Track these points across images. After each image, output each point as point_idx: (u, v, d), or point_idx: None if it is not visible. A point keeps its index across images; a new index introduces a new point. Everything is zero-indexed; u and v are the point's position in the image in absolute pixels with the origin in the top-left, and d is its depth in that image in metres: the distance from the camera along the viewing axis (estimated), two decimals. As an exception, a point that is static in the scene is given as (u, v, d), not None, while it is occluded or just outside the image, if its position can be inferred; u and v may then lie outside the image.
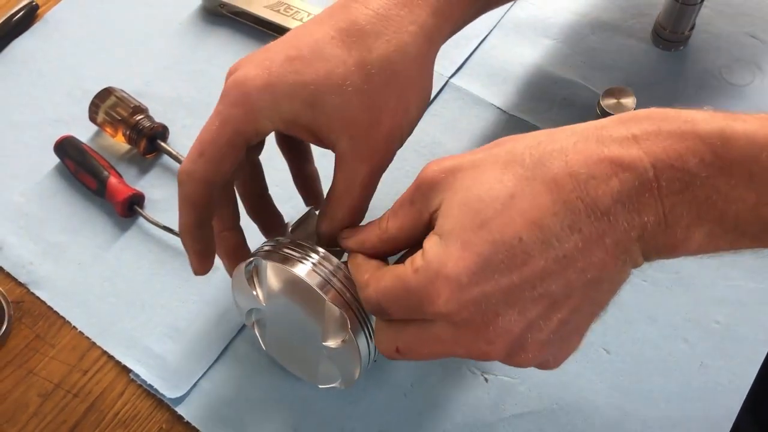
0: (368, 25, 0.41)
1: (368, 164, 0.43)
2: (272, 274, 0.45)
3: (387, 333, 0.40)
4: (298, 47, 0.42)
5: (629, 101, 0.55)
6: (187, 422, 0.51)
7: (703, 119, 0.33)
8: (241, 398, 0.52)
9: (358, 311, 0.43)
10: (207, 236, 0.46)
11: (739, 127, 0.32)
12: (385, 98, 0.41)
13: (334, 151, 0.43)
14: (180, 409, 0.51)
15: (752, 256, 0.54)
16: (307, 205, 0.52)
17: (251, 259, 0.45)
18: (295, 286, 0.44)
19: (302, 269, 0.43)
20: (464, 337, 0.35)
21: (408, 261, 0.37)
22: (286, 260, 0.43)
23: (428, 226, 0.38)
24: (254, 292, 0.46)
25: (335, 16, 0.42)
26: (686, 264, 0.55)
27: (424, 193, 0.38)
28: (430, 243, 0.36)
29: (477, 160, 0.36)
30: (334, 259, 0.44)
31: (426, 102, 0.45)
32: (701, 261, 0.54)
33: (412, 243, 0.40)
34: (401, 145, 0.45)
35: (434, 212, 0.37)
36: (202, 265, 0.46)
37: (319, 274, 0.43)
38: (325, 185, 0.48)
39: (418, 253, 0.36)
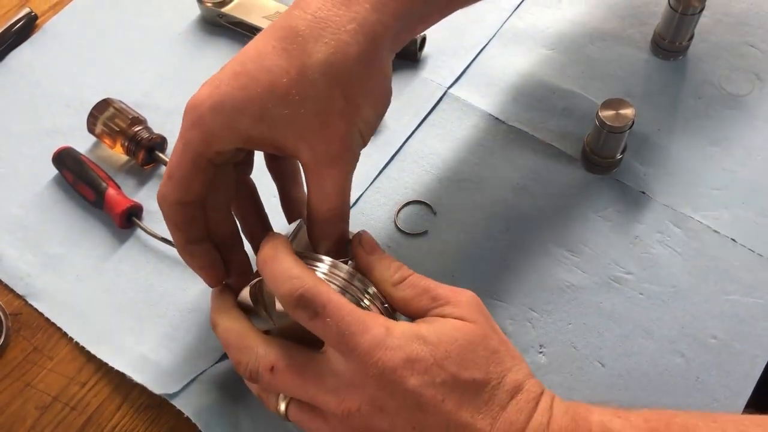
0: (307, 30, 0.41)
1: (333, 169, 0.43)
2: None
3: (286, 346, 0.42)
4: (243, 62, 0.42)
5: (628, 112, 0.55)
6: (184, 435, 0.51)
7: (596, 412, 0.40)
8: (239, 402, 0.52)
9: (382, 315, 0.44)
10: (202, 251, 0.47)
11: (616, 425, 0.39)
12: (331, 101, 0.41)
13: (299, 161, 0.43)
14: (176, 402, 0.51)
15: (748, 271, 0.55)
16: (290, 223, 0.52)
17: (257, 279, 0.45)
18: None
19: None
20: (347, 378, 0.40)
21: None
22: None
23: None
24: (263, 313, 0.46)
25: (276, 25, 0.42)
26: (683, 278, 0.55)
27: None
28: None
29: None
30: (343, 266, 0.44)
31: (383, 99, 0.44)
32: (698, 275, 0.55)
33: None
34: (365, 144, 0.45)
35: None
36: (209, 279, 0.47)
37: (335, 283, 0.43)
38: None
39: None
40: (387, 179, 0.61)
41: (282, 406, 0.43)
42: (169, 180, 0.43)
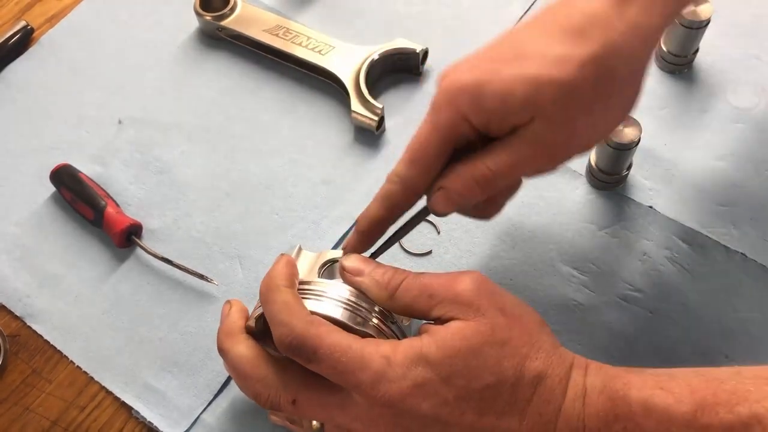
0: (575, 25, 0.40)
1: (539, 159, 0.42)
2: None
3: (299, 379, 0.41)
4: (501, 49, 0.42)
5: (635, 129, 0.54)
6: (187, 461, 0.50)
7: (636, 386, 0.38)
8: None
9: (392, 335, 0.43)
10: (383, 230, 0.46)
11: (659, 401, 0.37)
12: (593, 97, 0.40)
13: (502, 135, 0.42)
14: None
15: (759, 287, 0.54)
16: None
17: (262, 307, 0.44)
18: None
19: (328, 308, 0.42)
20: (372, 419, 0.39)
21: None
22: (306, 300, 0.43)
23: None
24: (270, 342, 0.46)
25: (539, 18, 0.42)
26: (693, 295, 0.54)
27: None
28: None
29: None
30: (348, 287, 0.43)
31: (632, 107, 0.43)
32: (708, 292, 0.54)
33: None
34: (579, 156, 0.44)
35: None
36: (358, 250, 0.46)
37: (341, 306, 0.42)
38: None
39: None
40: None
41: (316, 422, 0.43)
42: (412, 164, 0.43)
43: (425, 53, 0.66)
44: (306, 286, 0.44)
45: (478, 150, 0.42)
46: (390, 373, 0.38)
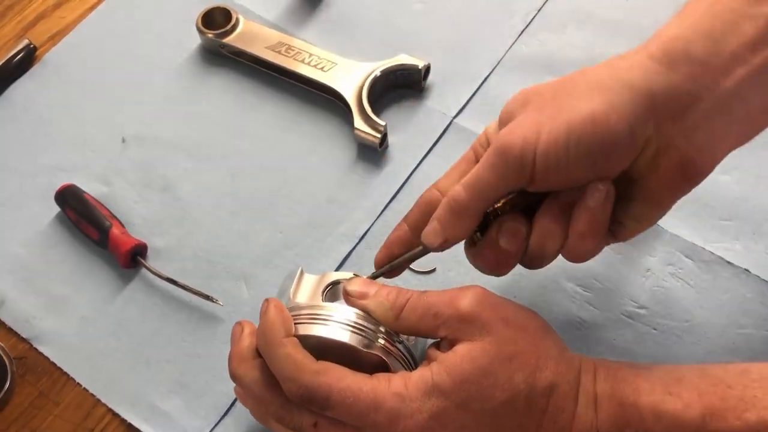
0: None
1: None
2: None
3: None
4: None
5: None
6: (195, 483, 0.51)
7: (645, 391, 0.39)
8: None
9: (402, 358, 0.43)
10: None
11: (669, 407, 0.38)
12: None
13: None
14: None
15: (762, 303, 0.54)
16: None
17: None
18: (326, 349, 0.42)
19: (335, 332, 0.42)
20: None
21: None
22: (312, 326, 0.43)
23: None
24: None
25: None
26: (697, 312, 0.54)
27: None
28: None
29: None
30: (352, 310, 0.43)
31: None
32: (712, 308, 0.54)
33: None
34: None
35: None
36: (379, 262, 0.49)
37: (346, 329, 0.42)
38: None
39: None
40: (393, 213, 0.61)
41: None
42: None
43: (427, 69, 0.66)
44: (311, 311, 0.44)
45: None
46: (405, 409, 0.39)
